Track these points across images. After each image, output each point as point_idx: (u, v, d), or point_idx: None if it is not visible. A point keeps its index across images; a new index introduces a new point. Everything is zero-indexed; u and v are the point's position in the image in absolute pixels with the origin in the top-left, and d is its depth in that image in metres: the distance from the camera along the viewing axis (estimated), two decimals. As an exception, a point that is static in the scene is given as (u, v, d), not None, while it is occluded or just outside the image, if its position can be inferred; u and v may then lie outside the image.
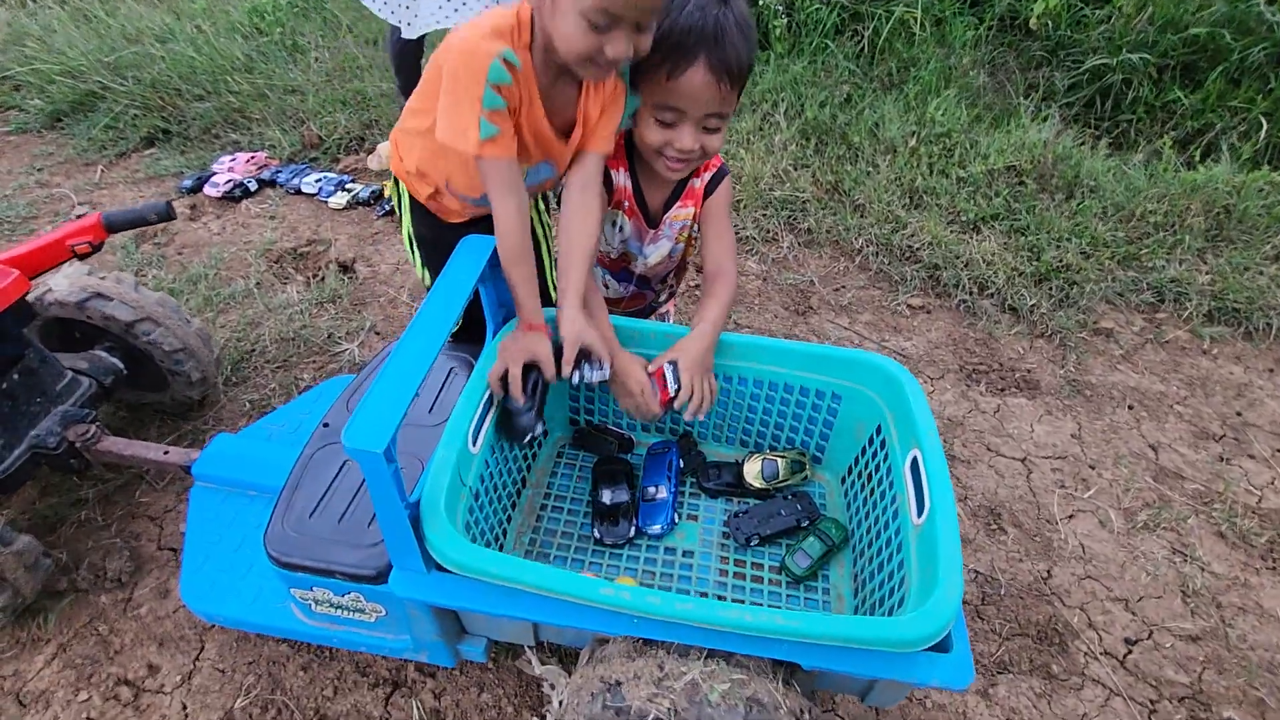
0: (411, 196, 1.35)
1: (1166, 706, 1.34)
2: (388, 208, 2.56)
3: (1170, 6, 3.00)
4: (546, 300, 1.29)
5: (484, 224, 1.21)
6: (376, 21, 3.66)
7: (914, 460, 1.12)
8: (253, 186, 2.65)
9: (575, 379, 1.16)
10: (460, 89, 1.01)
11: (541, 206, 1.52)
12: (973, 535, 1.63)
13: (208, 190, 2.61)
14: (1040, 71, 3.22)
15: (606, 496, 1.32)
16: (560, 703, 1.03)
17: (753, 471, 1.35)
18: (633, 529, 1.28)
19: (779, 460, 1.36)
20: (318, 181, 2.65)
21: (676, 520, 1.31)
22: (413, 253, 1.45)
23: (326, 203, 2.61)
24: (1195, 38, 2.95)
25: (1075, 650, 1.43)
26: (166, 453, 1.42)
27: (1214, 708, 1.33)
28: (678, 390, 1.20)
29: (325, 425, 1.27)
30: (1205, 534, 1.66)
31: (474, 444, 1.13)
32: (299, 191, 2.65)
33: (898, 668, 0.90)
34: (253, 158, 2.75)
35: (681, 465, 1.38)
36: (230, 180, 2.62)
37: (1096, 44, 3.08)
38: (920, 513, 1.05)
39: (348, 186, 2.65)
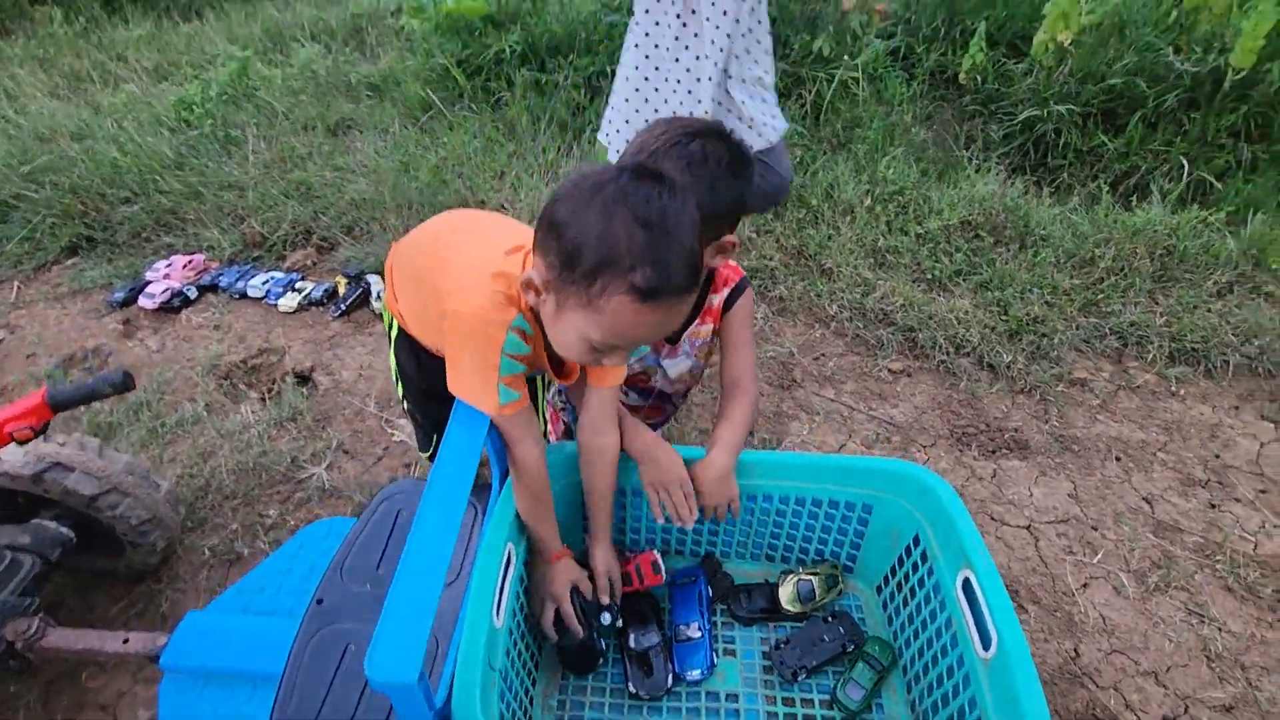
0: (399, 326, 1.27)
1: (1223, 793, 1.31)
2: (344, 307, 2.42)
3: (1086, 58, 3.20)
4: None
5: None
6: (315, 106, 3.55)
7: (966, 582, 1.07)
8: (192, 294, 2.47)
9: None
10: (477, 358, 0.98)
11: None
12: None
13: (142, 302, 2.42)
14: (975, 123, 3.38)
15: (634, 640, 1.22)
16: None
17: (788, 595, 1.27)
18: (670, 676, 1.18)
19: (813, 579, 1.29)
20: (265, 283, 2.49)
21: (715, 661, 1.22)
22: (396, 381, 1.38)
23: (276, 306, 2.45)
24: (1113, 86, 3.15)
25: (1120, 736, 1.40)
26: (126, 640, 1.24)
27: (1268, 788, 1.32)
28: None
29: (319, 602, 1.13)
30: (1215, 590, 1.67)
31: (498, 616, 1.02)
32: (245, 295, 2.48)
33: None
34: (190, 261, 2.57)
35: (711, 594, 1.30)
36: (167, 289, 2.44)
37: (1024, 96, 3.25)
38: (986, 646, 1.00)
39: (297, 286, 2.50)
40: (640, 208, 0.81)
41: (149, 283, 2.49)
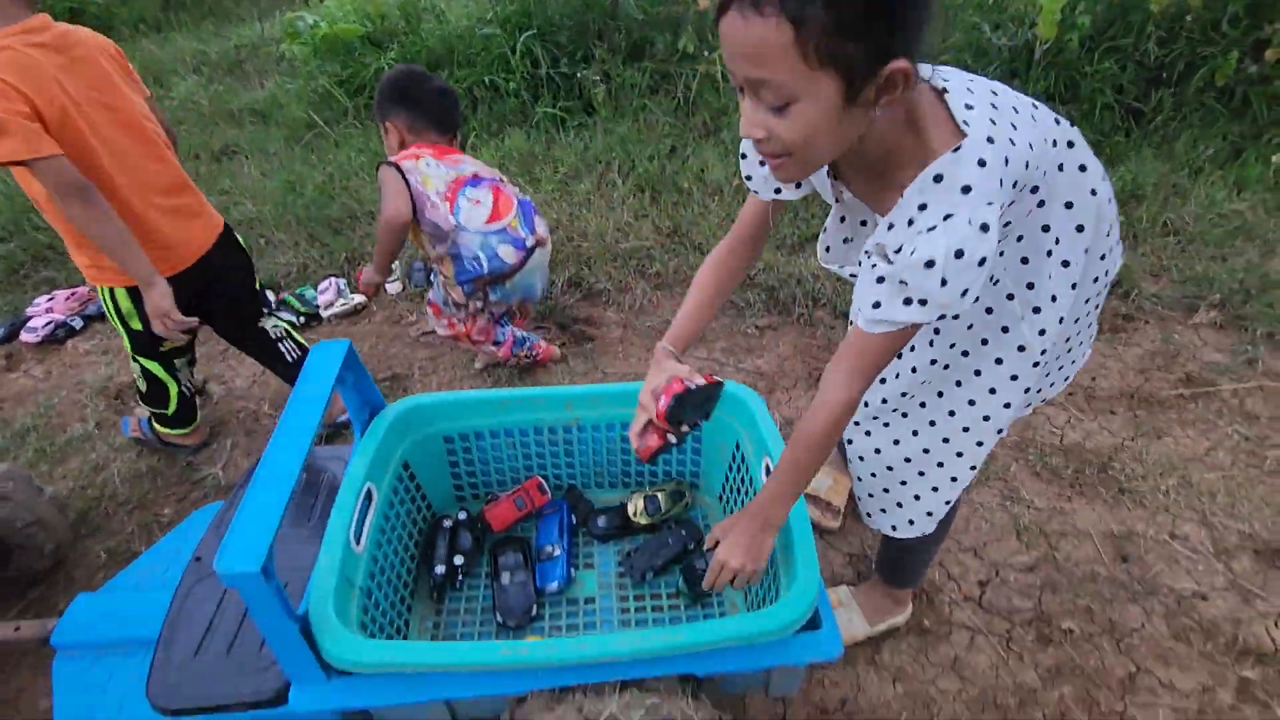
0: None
1: (1019, 632, 1.55)
2: (235, 321, 2.47)
3: (918, 40, 3.55)
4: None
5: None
6: (198, 135, 3.57)
7: (766, 467, 1.27)
8: (78, 324, 2.48)
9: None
10: None
11: None
12: (843, 522, 1.81)
13: (25, 337, 2.41)
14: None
15: (506, 578, 1.35)
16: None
17: (636, 509, 1.45)
18: (533, 607, 1.31)
19: (659, 494, 1.47)
20: (152, 306, 2.52)
21: (573, 573, 1.38)
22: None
23: (166, 326, 2.48)
24: (945, 63, 3.50)
25: (941, 604, 1.63)
26: (18, 628, 1.31)
27: (1054, 622, 1.57)
28: None
29: (197, 559, 1.23)
30: (1026, 476, 1.94)
31: (358, 543, 1.15)
32: (132, 320, 2.51)
33: (777, 654, 1.02)
34: (74, 293, 2.58)
35: (574, 521, 1.46)
36: (50, 321, 2.44)
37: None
38: (777, 514, 1.19)
39: (187, 306, 2.54)
40: None
41: (30, 317, 2.49)
